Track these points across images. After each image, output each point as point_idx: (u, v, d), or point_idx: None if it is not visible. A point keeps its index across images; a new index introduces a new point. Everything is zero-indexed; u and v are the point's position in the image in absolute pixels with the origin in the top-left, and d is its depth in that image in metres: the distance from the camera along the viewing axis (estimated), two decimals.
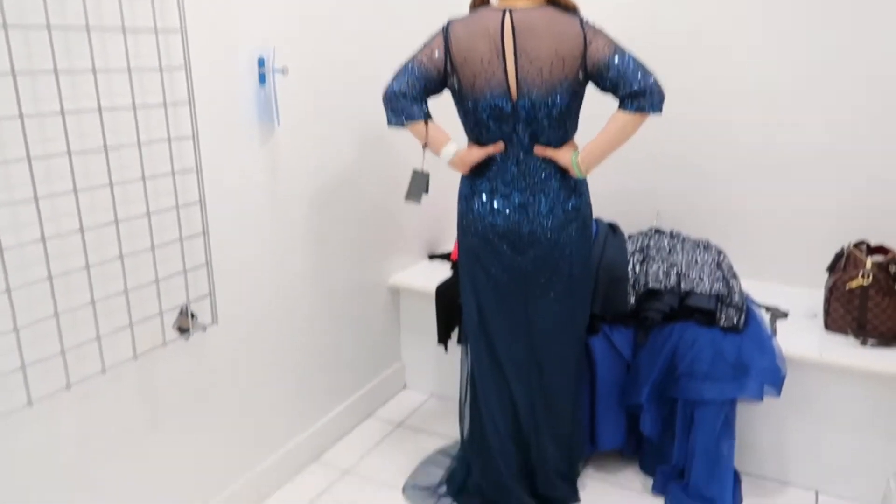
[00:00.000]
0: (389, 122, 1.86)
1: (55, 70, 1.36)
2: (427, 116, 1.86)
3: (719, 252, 2.33)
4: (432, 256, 2.84)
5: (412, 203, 1.98)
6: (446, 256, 2.79)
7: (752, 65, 2.46)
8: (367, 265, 2.50)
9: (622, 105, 1.75)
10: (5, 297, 1.34)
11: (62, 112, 1.39)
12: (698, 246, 2.34)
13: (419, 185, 1.95)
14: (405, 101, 1.82)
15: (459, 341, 2.28)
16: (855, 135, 2.36)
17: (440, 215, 2.72)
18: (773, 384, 1.98)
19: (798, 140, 2.44)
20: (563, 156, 1.83)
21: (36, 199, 1.36)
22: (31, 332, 1.40)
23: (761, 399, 1.98)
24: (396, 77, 1.84)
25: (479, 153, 1.86)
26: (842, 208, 2.41)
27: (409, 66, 1.83)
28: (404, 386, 2.81)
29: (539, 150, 1.83)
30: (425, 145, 1.89)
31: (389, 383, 2.72)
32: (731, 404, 2.04)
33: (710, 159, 2.59)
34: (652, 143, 2.34)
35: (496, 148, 1.84)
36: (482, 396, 2.00)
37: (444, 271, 2.62)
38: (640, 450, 2.27)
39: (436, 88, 1.86)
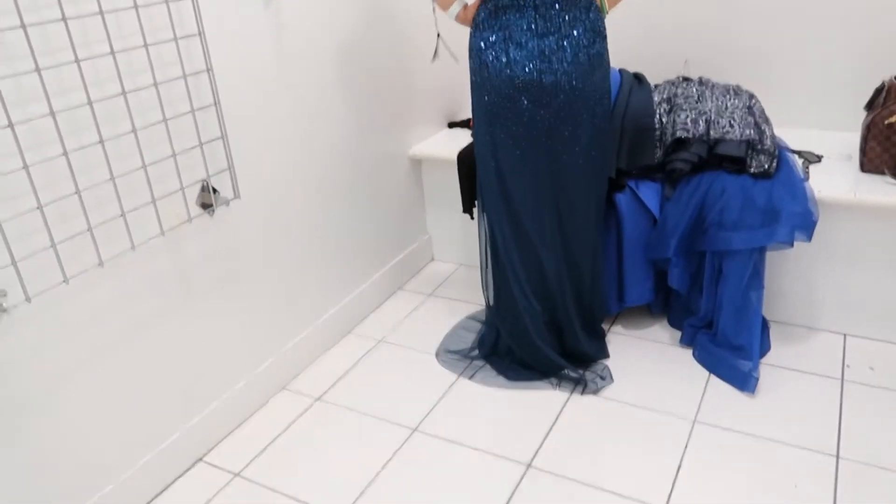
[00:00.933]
0: None
1: None
2: None
3: (751, 96, 2.23)
4: (452, 124, 2.77)
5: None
6: (466, 123, 2.71)
7: None
8: (386, 136, 2.44)
9: None
10: (23, 174, 1.32)
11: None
12: (728, 91, 2.23)
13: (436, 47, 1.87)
14: None
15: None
16: None
17: (457, 81, 2.61)
18: (804, 229, 1.93)
19: None
20: None
21: (38, 70, 1.31)
22: (56, 211, 1.39)
23: (791, 245, 1.95)
24: None
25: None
26: (879, 48, 2.26)
27: None
28: (432, 258, 2.82)
29: None
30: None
31: (417, 256, 2.72)
32: (761, 252, 2.01)
33: (740, 2, 2.43)
34: None
35: None
36: (505, 260, 1.99)
37: (465, 138, 2.56)
38: (668, 305, 2.28)
39: None
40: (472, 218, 2.48)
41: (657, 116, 2.15)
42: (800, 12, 2.36)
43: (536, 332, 2.01)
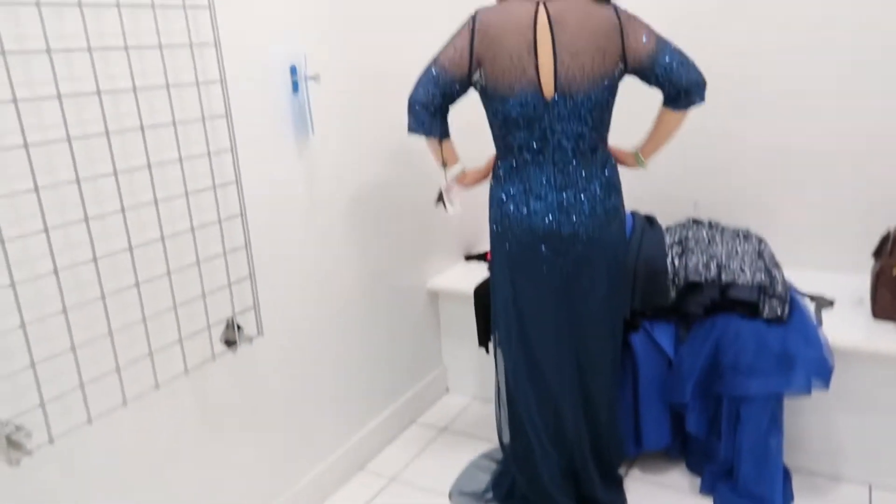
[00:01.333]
0: (409, 129, 1.87)
1: (98, 92, 1.39)
2: (443, 135, 1.88)
3: (760, 241, 2.29)
4: (469, 257, 2.85)
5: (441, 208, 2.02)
6: (482, 257, 2.79)
7: (793, 58, 2.39)
8: (405, 270, 2.51)
9: (671, 104, 1.77)
10: (62, 318, 1.37)
11: (106, 133, 1.42)
12: (738, 235, 2.30)
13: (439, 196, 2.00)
14: (425, 114, 1.83)
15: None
16: None
17: (474, 215, 2.71)
18: (821, 377, 1.94)
19: (839, 125, 2.37)
20: (628, 158, 1.91)
21: (87, 219, 1.39)
22: (88, 351, 1.43)
23: (809, 393, 1.94)
24: (420, 82, 1.84)
25: (474, 177, 1.98)
26: (886, 191, 2.34)
27: (432, 71, 1.81)
28: (447, 390, 2.81)
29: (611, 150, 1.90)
30: (444, 164, 1.92)
31: (432, 388, 2.72)
32: (778, 399, 2.00)
33: (747, 146, 2.53)
34: (688, 134, 2.31)
35: (487, 169, 1.94)
36: (522, 403, 1.98)
37: (481, 272, 2.62)
38: (686, 449, 2.24)
39: (458, 93, 1.84)
40: (488, 352, 2.49)
41: (669, 259, 2.21)
42: (804, 157, 2.45)
43: (551, 481, 1.97)
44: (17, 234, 1.30)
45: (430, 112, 1.82)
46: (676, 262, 2.20)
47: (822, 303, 2.22)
